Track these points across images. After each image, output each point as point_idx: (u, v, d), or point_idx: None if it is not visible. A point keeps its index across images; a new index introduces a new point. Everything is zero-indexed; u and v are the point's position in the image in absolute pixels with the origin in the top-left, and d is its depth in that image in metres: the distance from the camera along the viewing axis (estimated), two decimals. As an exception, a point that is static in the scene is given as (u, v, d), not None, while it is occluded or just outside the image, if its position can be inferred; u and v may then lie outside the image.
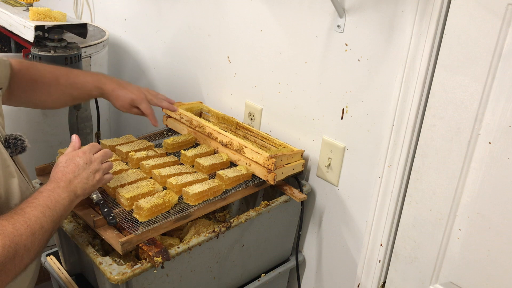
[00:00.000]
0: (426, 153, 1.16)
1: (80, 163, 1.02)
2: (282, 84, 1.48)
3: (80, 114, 1.78)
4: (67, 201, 0.96)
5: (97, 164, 1.05)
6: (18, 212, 0.88)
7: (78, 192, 0.99)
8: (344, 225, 1.42)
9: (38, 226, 0.88)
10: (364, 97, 1.27)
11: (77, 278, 1.33)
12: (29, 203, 0.90)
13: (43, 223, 0.89)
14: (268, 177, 1.30)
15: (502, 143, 1.02)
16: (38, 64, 1.30)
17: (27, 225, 0.86)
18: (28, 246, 0.85)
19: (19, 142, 1.03)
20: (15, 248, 0.83)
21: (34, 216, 0.88)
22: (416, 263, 1.24)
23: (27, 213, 0.88)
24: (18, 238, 0.84)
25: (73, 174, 1.00)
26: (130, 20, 2.08)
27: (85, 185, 1.01)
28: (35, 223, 0.87)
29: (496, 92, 1.01)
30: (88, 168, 1.03)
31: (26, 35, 1.59)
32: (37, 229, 0.88)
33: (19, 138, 1.03)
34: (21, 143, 1.03)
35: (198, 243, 1.14)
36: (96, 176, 1.04)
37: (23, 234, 0.85)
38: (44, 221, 0.89)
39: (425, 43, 1.10)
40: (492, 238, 1.08)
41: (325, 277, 1.53)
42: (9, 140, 1.02)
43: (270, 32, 1.47)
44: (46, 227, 0.90)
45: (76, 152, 1.04)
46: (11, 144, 1.02)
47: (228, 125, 1.57)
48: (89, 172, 1.02)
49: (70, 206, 0.97)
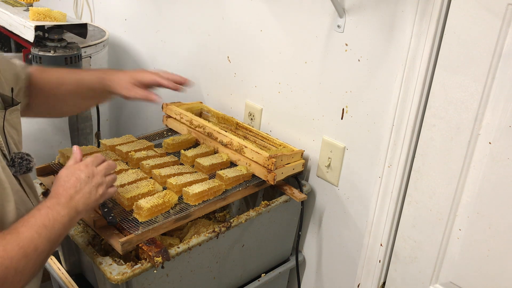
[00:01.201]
0: (426, 153, 1.16)
1: (82, 177, 0.96)
2: (282, 84, 1.48)
3: (80, 114, 1.78)
4: (66, 219, 0.90)
5: (100, 178, 1.00)
6: (11, 232, 0.83)
7: (79, 208, 0.94)
8: (344, 225, 1.42)
9: (32, 248, 0.83)
10: (364, 97, 1.27)
11: (77, 278, 1.33)
12: (25, 222, 0.85)
13: (37, 244, 0.84)
14: (268, 177, 1.30)
15: (502, 143, 1.02)
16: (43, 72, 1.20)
17: (19, 247, 0.81)
18: (20, 269, 0.81)
19: (25, 162, 0.98)
20: (4, 272, 0.78)
21: (28, 236, 0.83)
22: (416, 263, 1.24)
23: (21, 233, 0.83)
24: (7, 262, 0.79)
25: (75, 189, 0.94)
26: (130, 20, 2.08)
27: (88, 200, 0.96)
28: (28, 245, 0.82)
29: (496, 92, 1.01)
30: (91, 182, 0.97)
31: (26, 35, 1.59)
32: (31, 251, 0.83)
33: (25, 158, 0.98)
34: (27, 163, 0.98)
35: (198, 243, 1.14)
36: (99, 190, 0.99)
37: (14, 257, 0.80)
38: (39, 242, 0.84)
39: (425, 43, 1.10)
40: (492, 238, 1.08)
41: (325, 277, 1.53)
42: (14, 159, 0.97)
43: (270, 32, 1.47)
44: (41, 248, 0.84)
45: (78, 165, 0.99)
46: (16, 163, 0.97)
47: (228, 125, 1.57)
48: (92, 186, 0.97)
49: (70, 223, 0.92)
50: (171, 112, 1.58)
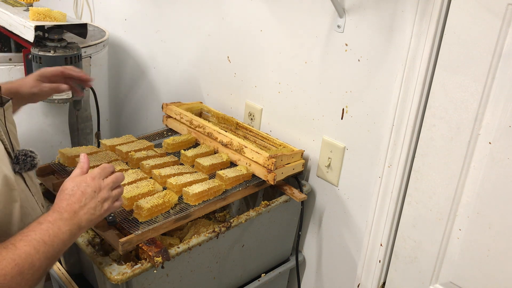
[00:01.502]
0: (426, 153, 1.16)
1: (88, 191, 0.92)
2: (282, 84, 1.48)
3: (80, 114, 1.78)
4: (67, 235, 0.87)
5: (107, 192, 0.95)
6: (8, 247, 0.80)
7: (82, 224, 0.91)
8: (344, 225, 1.42)
9: (28, 265, 0.80)
10: (364, 97, 1.27)
11: (77, 278, 1.33)
12: (24, 236, 0.83)
13: (34, 261, 0.81)
14: (268, 177, 1.30)
15: (502, 143, 1.02)
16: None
17: (14, 264, 0.79)
18: (13, 287, 0.78)
19: (29, 158, 0.97)
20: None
21: (25, 252, 0.80)
22: (416, 263, 1.24)
23: (18, 248, 0.80)
24: (1, 279, 0.77)
25: (79, 204, 0.91)
26: (130, 20, 2.08)
27: (92, 216, 0.92)
28: (24, 261, 0.80)
29: (496, 92, 1.01)
30: (97, 197, 0.93)
31: (26, 35, 1.59)
32: (26, 268, 0.80)
33: (29, 155, 0.97)
34: (31, 160, 0.97)
35: (198, 243, 1.14)
36: (104, 206, 0.95)
37: (7, 274, 0.77)
38: (36, 259, 0.81)
39: (425, 43, 1.10)
40: (492, 238, 1.08)
41: (325, 277, 1.53)
42: (18, 156, 0.96)
43: (270, 32, 1.47)
44: (38, 265, 0.82)
45: (84, 178, 0.94)
46: (20, 160, 0.96)
47: (228, 125, 1.57)
48: (97, 201, 0.93)
49: (70, 240, 0.89)
50: (171, 112, 1.58)
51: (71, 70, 1.27)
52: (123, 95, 2.27)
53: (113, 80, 2.23)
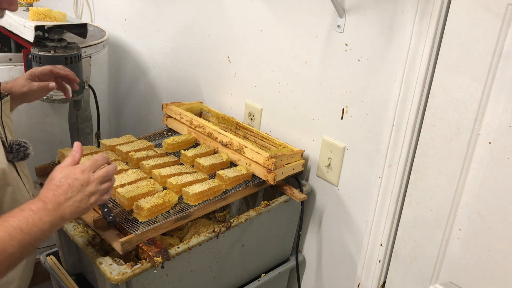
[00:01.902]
0: (426, 153, 1.16)
1: (75, 184, 0.91)
2: (282, 84, 1.48)
3: (80, 114, 1.78)
4: (47, 226, 0.87)
5: (95, 186, 0.94)
6: None
7: (66, 217, 0.90)
8: (344, 225, 1.42)
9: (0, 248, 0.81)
10: (364, 97, 1.27)
11: (77, 278, 1.33)
12: (3, 221, 0.84)
13: (7, 246, 0.81)
14: (268, 177, 1.30)
15: (502, 143, 1.02)
16: None
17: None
18: None
19: (22, 148, 1.01)
20: None
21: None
22: (416, 263, 1.24)
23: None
24: None
25: (65, 196, 0.90)
26: (130, 20, 2.08)
27: (77, 209, 0.92)
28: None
29: (496, 92, 1.01)
30: (84, 190, 0.92)
31: (26, 35, 1.59)
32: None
33: (22, 145, 1.01)
34: (24, 150, 1.01)
35: (198, 243, 1.14)
36: (91, 199, 0.93)
37: None
38: (10, 245, 0.82)
39: (425, 43, 1.10)
40: (492, 238, 1.08)
41: (325, 277, 1.53)
42: (12, 146, 1.01)
43: (270, 32, 1.47)
44: (10, 250, 0.82)
45: (73, 170, 0.93)
46: (14, 149, 1.00)
47: (228, 125, 1.57)
48: (84, 195, 0.92)
49: (51, 230, 0.88)
50: (171, 112, 1.58)
51: (59, 69, 1.30)
52: (123, 95, 2.27)
53: (113, 80, 2.23)
